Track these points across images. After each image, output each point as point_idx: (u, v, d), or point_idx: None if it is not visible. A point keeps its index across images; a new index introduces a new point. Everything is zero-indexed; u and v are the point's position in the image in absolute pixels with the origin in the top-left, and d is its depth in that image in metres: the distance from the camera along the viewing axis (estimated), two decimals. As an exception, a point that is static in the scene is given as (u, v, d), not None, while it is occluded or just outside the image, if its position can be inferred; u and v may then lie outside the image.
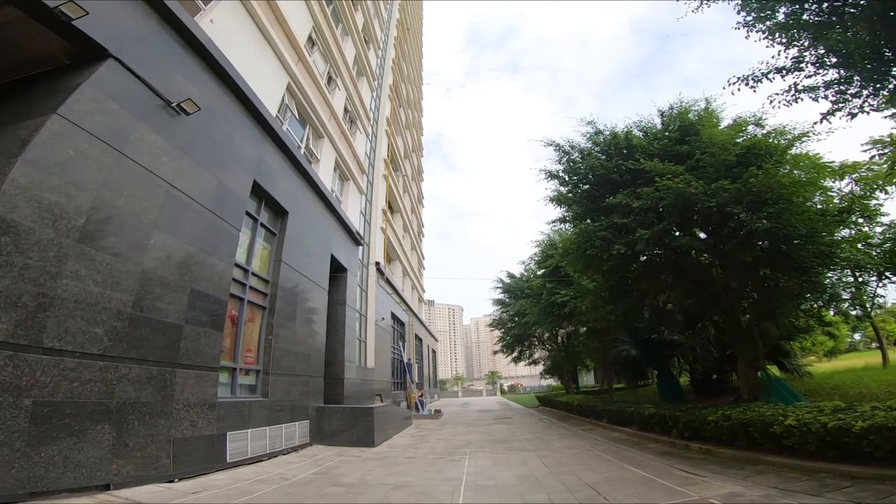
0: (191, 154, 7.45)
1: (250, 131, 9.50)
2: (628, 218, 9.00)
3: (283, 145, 10.82)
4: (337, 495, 6.76)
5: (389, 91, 28.18)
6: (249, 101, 9.26)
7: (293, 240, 11.26)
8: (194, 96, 7.25)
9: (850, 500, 4.57)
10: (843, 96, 5.00)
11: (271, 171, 10.32)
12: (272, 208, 10.76)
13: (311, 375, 11.73)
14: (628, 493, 5.79)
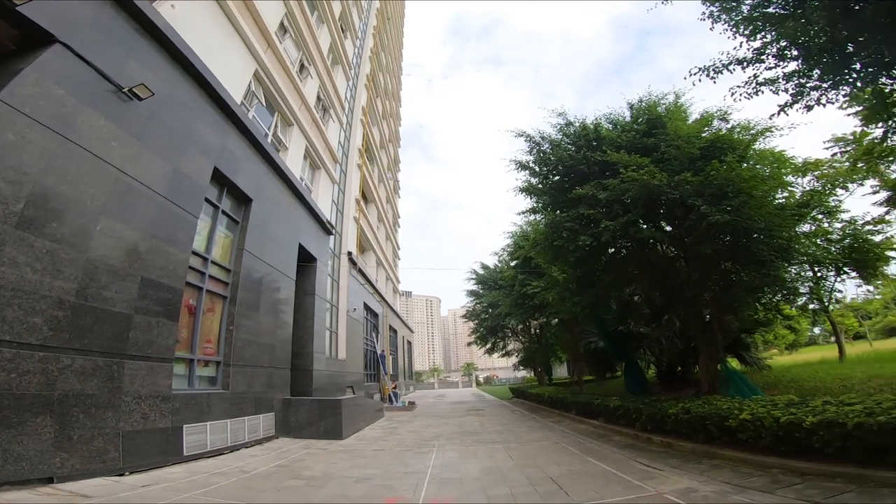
0: (144, 140, 7.19)
1: (212, 118, 9.23)
2: (595, 209, 9.02)
3: (247, 132, 10.54)
4: (296, 488, 6.64)
5: (366, 80, 27.81)
6: (212, 88, 9.01)
7: (257, 228, 10.97)
8: (150, 82, 7.05)
9: (799, 497, 4.56)
10: (803, 89, 5.02)
11: (234, 158, 10.03)
12: (235, 196, 10.44)
13: (276, 367, 11.47)
14: (588, 488, 5.78)
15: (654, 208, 8.82)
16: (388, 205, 35.98)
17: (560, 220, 9.73)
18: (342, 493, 6.37)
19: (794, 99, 5.18)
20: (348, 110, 23.37)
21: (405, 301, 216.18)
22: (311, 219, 15.12)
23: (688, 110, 10.15)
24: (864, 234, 14.78)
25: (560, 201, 10.20)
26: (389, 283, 34.14)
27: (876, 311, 43.54)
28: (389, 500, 5.98)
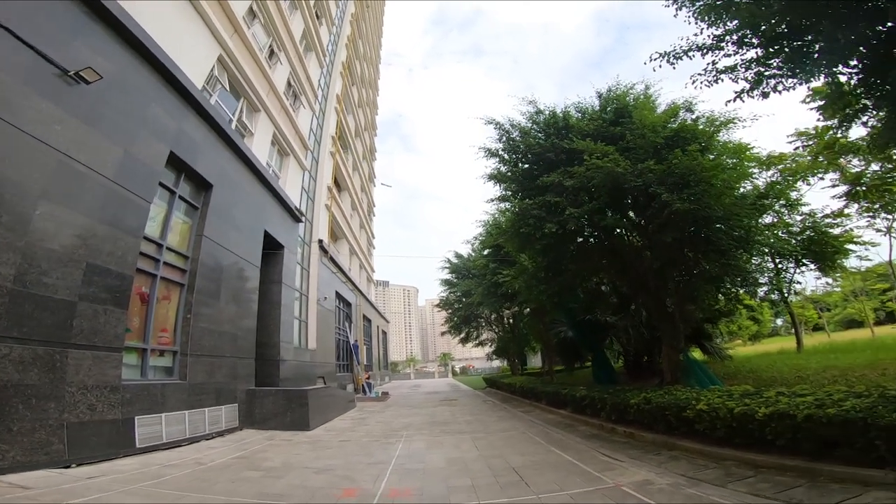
0: (93, 124, 6.90)
1: (169, 102, 8.94)
2: (561, 197, 9.01)
3: (208, 117, 10.23)
4: (252, 480, 6.50)
5: (342, 68, 27.37)
6: (169, 73, 8.74)
7: (219, 214, 10.62)
8: (101, 66, 6.79)
9: (750, 491, 4.54)
10: (761, 76, 5.01)
11: (193, 143, 9.71)
12: (194, 181, 10.09)
13: (239, 357, 11.16)
14: (549, 479, 5.77)
15: (618, 196, 8.86)
16: (363, 193, 35.54)
17: (527, 208, 9.70)
18: (300, 484, 6.24)
19: (752, 86, 5.17)
20: (322, 98, 23.00)
21: (382, 291, 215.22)
22: (279, 206, 14.76)
23: (656, 101, 10.23)
24: (823, 227, 15.25)
25: (528, 189, 10.17)
26: (363, 271, 33.77)
27: (835, 303, 45.32)
28: (348, 491, 5.88)
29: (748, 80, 5.09)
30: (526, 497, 5.14)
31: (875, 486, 4.09)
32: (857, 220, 16.16)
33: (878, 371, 8.73)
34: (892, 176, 13.62)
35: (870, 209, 15.61)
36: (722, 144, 9.48)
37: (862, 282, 31.78)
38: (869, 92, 4.90)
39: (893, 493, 3.91)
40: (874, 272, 30.36)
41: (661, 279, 9.98)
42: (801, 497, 4.17)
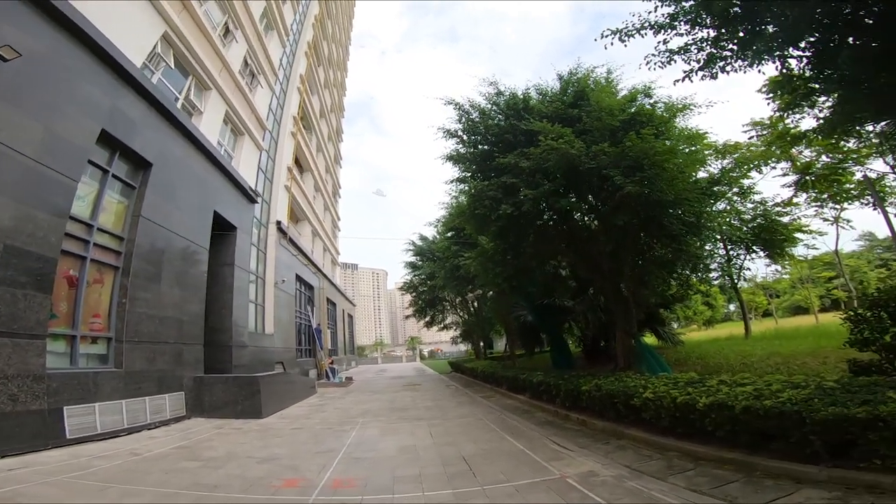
0: (11, 101, 6.51)
1: (101, 79, 8.51)
2: (517, 178, 8.90)
3: (148, 95, 9.84)
4: (188, 470, 6.28)
5: (307, 48, 26.59)
6: (101, 50, 8.36)
7: (160, 194, 10.13)
8: (25, 43, 6.49)
9: (688, 485, 4.48)
10: (713, 57, 4.94)
11: (129, 121, 9.27)
12: (131, 159, 9.59)
13: (185, 343, 10.68)
14: (498, 469, 5.70)
15: (573, 178, 8.76)
16: (328, 174, 34.70)
17: (483, 189, 9.59)
18: (239, 475, 6.03)
19: (701, 66, 5.10)
20: (283, 77, 22.41)
21: (350, 274, 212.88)
22: (231, 186, 14.17)
23: (618, 86, 10.16)
24: (773, 215, 15.77)
25: (485, 170, 10.05)
26: (327, 254, 33.08)
27: (784, 290, 47.55)
28: (288, 482, 5.68)
29: (699, 62, 5.01)
30: (471, 488, 5.05)
31: (808, 484, 4.05)
32: (805, 208, 16.82)
33: (819, 359, 8.94)
34: (841, 167, 14.14)
35: (818, 199, 16.21)
36: (679, 131, 9.53)
37: (809, 270, 33.34)
38: (818, 76, 4.90)
39: (826, 493, 3.84)
40: (821, 260, 31.88)
41: (615, 262, 10.01)
42: (735, 493, 4.11)
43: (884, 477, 3.69)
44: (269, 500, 5.07)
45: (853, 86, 4.72)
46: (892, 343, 6.26)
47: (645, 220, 8.65)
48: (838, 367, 7.14)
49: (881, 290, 6.99)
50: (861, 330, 6.64)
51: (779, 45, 4.50)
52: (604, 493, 4.43)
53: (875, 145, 12.96)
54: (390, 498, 4.93)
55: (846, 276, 28.17)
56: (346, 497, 5.04)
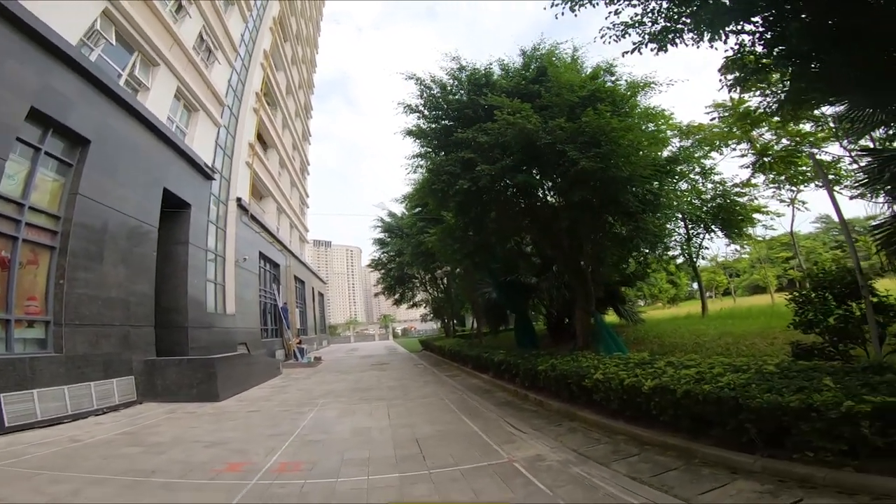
0: None
1: (30, 56, 8.12)
2: (476, 153, 8.76)
3: (84, 72, 9.40)
4: (128, 456, 6.15)
5: (272, 23, 25.71)
6: (29, 27, 7.95)
7: (100, 171, 9.68)
8: None
9: (629, 472, 4.43)
10: (666, 31, 4.81)
11: (63, 98, 8.89)
12: (66, 137, 9.18)
13: (133, 325, 10.28)
14: (448, 452, 5.66)
15: (531, 154, 8.63)
16: (296, 151, 33.85)
17: (441, 164, 9.46)
18: (181, 460, 5.91)
19: (651, 38, 4.97)
20: (245, 53, 21.67)
21: (324, 252, 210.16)
22: (184, 162, 13.63)
23: (583, 64, 10.02)
24: (732, 195, 16.10)
25: (445, 145, 9.88)
26: (295, 231, 32.35)
27: (743, 269, 49.30)
28: (232, 466, 5.57)
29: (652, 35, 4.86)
30: (417, 472, 5.00)
31: (742, 475, 3.98)
32: (763, 189, 17.21)
33: (768, 339, 9.09)
34: (798, 150, 14.47)
35: (775, 181, 16.61)
36: (643, 109, 9.51)
37: (767, 250, 34.55)
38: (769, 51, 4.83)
39: (758, 485, 3.72)
40: (779, 241, 33.03)
41: (573, 239, 10.03)
42: (672, 482, 4.05)
43: (817, 470, 3.58)
44: (206, 483, 4.94)
45: (803, 61, 4.69)
46: (836, 326, 6.11)
47: (602, 196, 8.63)
48: (785, 348, 7.22)
49: (826, 270, 6.94)
50: (805, 312, 6.53)
51: (731, 17, 4.38)
52: (547, 479, 4.41)
53: (831, 129, 13.28)
54: (334, 482, 4.84)
55: (801, 257, 29.30)
56: (288, 481, 4.93)
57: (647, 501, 3.73)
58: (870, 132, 6.15)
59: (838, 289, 6.32)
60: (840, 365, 4.97)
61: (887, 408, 3.41)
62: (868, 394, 3.57)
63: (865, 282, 5.57)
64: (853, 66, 4.42)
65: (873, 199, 6.25)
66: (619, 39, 5.20)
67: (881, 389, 3.67)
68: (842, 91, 5.00)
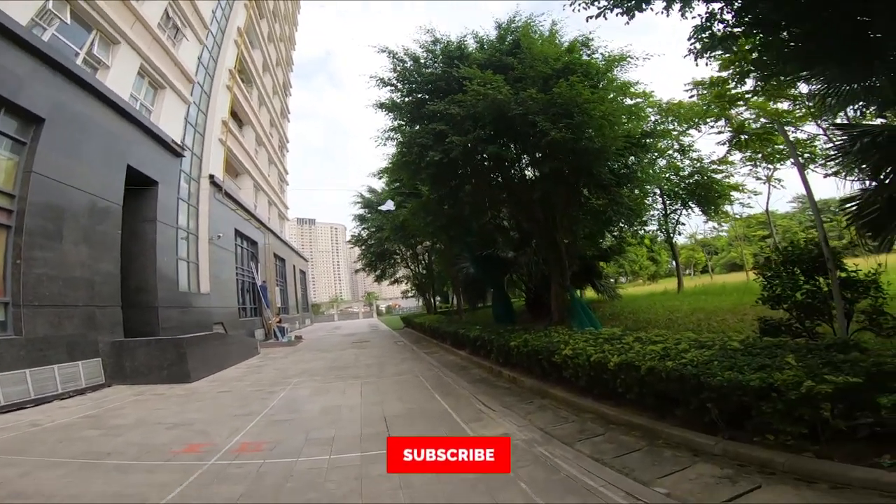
0: None
1: None
2: (448, 125, 8.60)
3: (36, 51, 9.17)
4: (86, 439, 6.03)
5: (247, 0, 24.74)
6: None
7: (56, 149, 9.36)
8: None
9: (592, 453, 4.36)
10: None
11: (14, 78, 8.69)
12: (18, 115, 8.88)
13: (98, 305, 9.97)
14: (415, 431, 5.59)
15: (503, 125, 8.52)
16: (273, 129, 33.20)
17: (413, 136, 9.31)
18: (140, 442, 5.80)
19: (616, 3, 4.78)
20: (217, 30, 21.00)
21: (308, 229, 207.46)
22: (149, 139, 13.18)
23: (561, 38, 9.80)
24: (709, 172, 16.14)
25: (418, 117, 9.67)
26: (274, 208, 31.77)
27: (721, 247, 50.01)
28: (191, 447, 5.47)
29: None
30: (380, 451, 4.88)
31: (704, 457, 3.90)
32: (740, 167, 17.27)
33: (738, 315, 9.15)
34: (774, 128, 14.45)
35: (752, 158, 16.65)
36: (620, 83, 9.35)
37: (745, 228, 34.97)
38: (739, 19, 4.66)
39: (718, 469, 3.63)
40: (756, 219, 33.44)
41: (548, 212, 9.97)
42: (633, 465, 3.98)
43: (777, 455, 3.47)
44: (160, 465, 4.84)
45: (771, 30, 4.54)
46: (804, 302, 5.94)
47: (575, 168, 8.54)
48: (754, 324, 7.14)
49: (794, 243, 6.81)
50: (774, 287, 6.35)
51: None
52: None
53: (809, 109, 13.25)
54: (294, 462, 4.77)
55: (776, 236, 29.75)
56: (246, 461, 4.85)
57: (606, 484, 3.65)
58: (843, 109, 6.01)
59: (807, 263, 6.15)
60: (805, 342, 4.87)
61: (850, 389, 3.26)
62: (830, 373, 3.42)
63: (832, 254, 5.48)
64: (823, 36, 4.28)
65: (846, 177, 6.15)
66: (588, 6, 4.97)
67: (844, 369, 3.52)
68: (814, 62, 4.86)
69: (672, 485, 3.51)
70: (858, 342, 4.49)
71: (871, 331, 5.52)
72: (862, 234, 5.34)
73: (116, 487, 4.19)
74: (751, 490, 3.24)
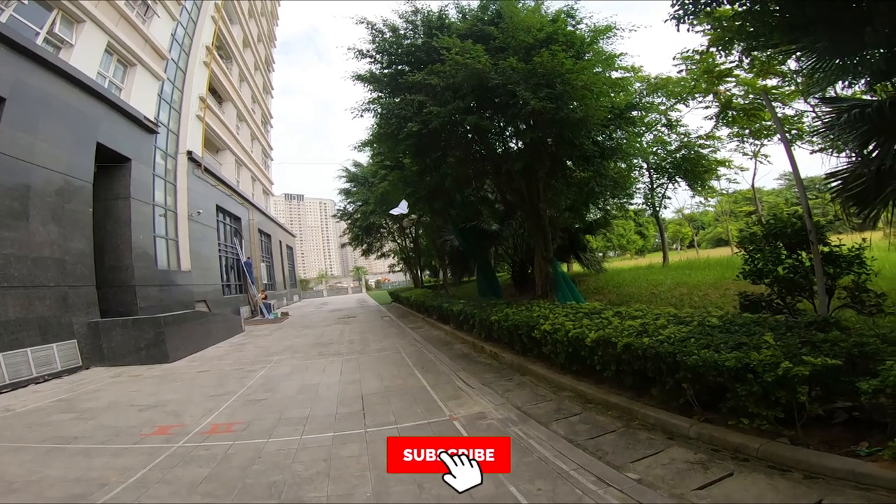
0: None
1: None
2: (427, 96, 8.45)
3: None
4: (55, 423, 5.93)
5: None
6: None
7: (18, 128, 9.00)
8: None
9: (567, 433, 4.29)
10: None
11: None
12: None
13: (71, 285, 9.69)
14: (391, 409, 5.56)
15: (483, 95, 8.38)
16: (256, 104, 32.43)
17: (391, 107, 9.17)
18: (109, 425, 5.70)
19: None
20: (192, 6, 20.09)
21: (297, 205, 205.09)
22: (120, 117, 12.66)
23: (547, 10, 9.52)
24: (696, 147, 16.00)
25: (397, 88, 9.51)
26: (258, 184, 31.11)
27: (708, 222, 50.31)
28: (161, 429, 5.39)
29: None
30: (353, 431, 4.87)
31: (678, 440, 3.82)
32: (727, 143, 17.14)
33: (721, 290, 9.14)
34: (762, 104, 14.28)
35: (739, 134, 16.51)
36: (608, 55, 9.12)
37: (732, 204, 35.10)
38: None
39: (691, 454, 3.53)
40: (743, 195, 33.52)
41: (531, 182, 9.85)
42: (607, 447, 3.90)
43: (751, 440, 3.38)
44: (126, 448, 4.75)
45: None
46: (785, 277, 5.73)
47: (557, 138, 8.40)
48: (736, 299, 7.04)
49: (777, 216, 6.57)
50: (755, 261, 6.10)
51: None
52: (482, 441, 4.30)
53: (797, 84, 13.06)
54: (264, 442, 4.69)
55: (762, 212, 29.87)
56: (215, 443, 4.76)
57: (578, 468, 3.56)
58: (833, 84, 5.79)
59: (790, 237, 5.91)
60: (784, 319, 4.67)
61: (828, 371, 3.11)
62: (809, 354, 3.25)
63: (814, 226, 5.33)
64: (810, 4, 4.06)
65: (833, 153, 5.96)
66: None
67: (823, 349, 3.36)
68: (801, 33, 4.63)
69: (644, 470, 3.42)
70: (839, 320, 4.32)
71: (853, 308, 5.35)
72: (846, 207, 5.17)
73: (78, 472, 4.08)
74: (722, 478, 3.15)
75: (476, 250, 15.38)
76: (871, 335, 3.61)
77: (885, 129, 4.17)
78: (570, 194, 10.46)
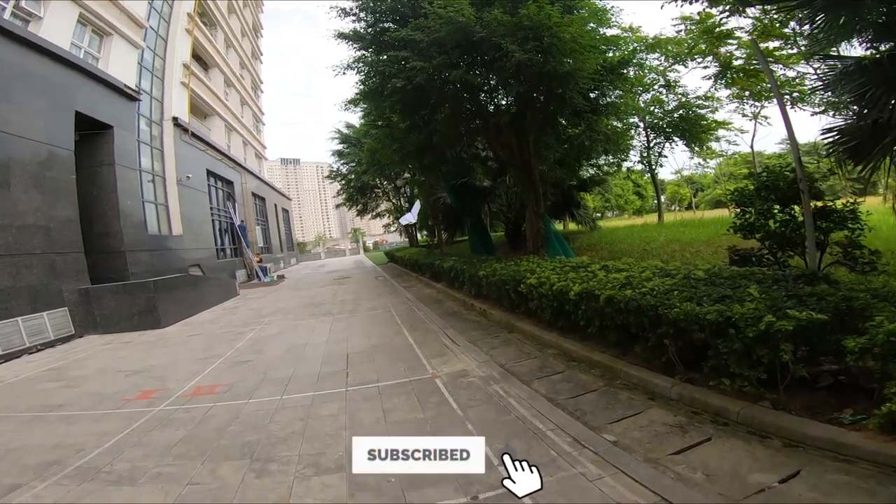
0: None
1: None
2: (411, 52, 8.13)
3: None
4: (43, 392, 5.96)
5: None
6: None
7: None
8: None
9: (548, 392, 4.19)
10: None
11: None
12: None
13: (58, 252, 9.61)
14: (375, 368, 5.55)
15: (468, 50, 8.09)
16: (245, 70, 31.61)
17: (375, 64, 8.92)
18: (96, 392, 5.74)
19: None
20: None
21: (293, 169, 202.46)
22: (98, 85, 12.26)
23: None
24: (694, 107, 15.54)
25: (382, 47, 9.10)
26: (250, 148, 30.53)
27: (708, 184, 49.33)
28: (144, 393, 5.41)
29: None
30: (334, 390, 4.87)
31: (658, 401, 3.70)
32: (727, 104, 16.67)
33: (713, 247, 8.94)
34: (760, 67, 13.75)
35: (739, 95, 15.96)
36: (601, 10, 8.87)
37: (732, 167, 34.24)
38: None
39: (671, 416, 3.41)
40: (743, 157, 32.71)
41: (521, 137, 9.60)
42: (587, 407, 3.79)
43: (732, 403, 3.22)
44: (107, 414, 4.76)
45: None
46: (776, 231, 5.47)
47: (547, 93, 8.12)
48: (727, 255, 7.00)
49: (770, 168, 6.30)
50: (747, 215, 5.86)
51: None
52: (463, 398, 4.23)
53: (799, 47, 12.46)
54: (244, 403, 4.69)
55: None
56: (196, 405, 4.78)
57: (555, 428, 3.47)
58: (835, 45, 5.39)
59: (783, 191, 5.61)
60: (772, 272, 4.50)
61: (813, 328, 2.90)
62: (794, 307, 3.04)
63: (805, 175, 5.09)
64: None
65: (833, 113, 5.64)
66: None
67: (810, 303, 3.14)
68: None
69: (622, 432, 3.31)
70: (828, 275, 4.14)
71: (845, 265, 5.12)
72: (842, 160, 4.89)
73: (57, 439, 4.10)
74: (700, 443, 3.02)
75: (469, 207, 15.12)
76: (861, 290, 3.41)
77: (884, 81, 3.89)
78: (560, 149, 10.15)
